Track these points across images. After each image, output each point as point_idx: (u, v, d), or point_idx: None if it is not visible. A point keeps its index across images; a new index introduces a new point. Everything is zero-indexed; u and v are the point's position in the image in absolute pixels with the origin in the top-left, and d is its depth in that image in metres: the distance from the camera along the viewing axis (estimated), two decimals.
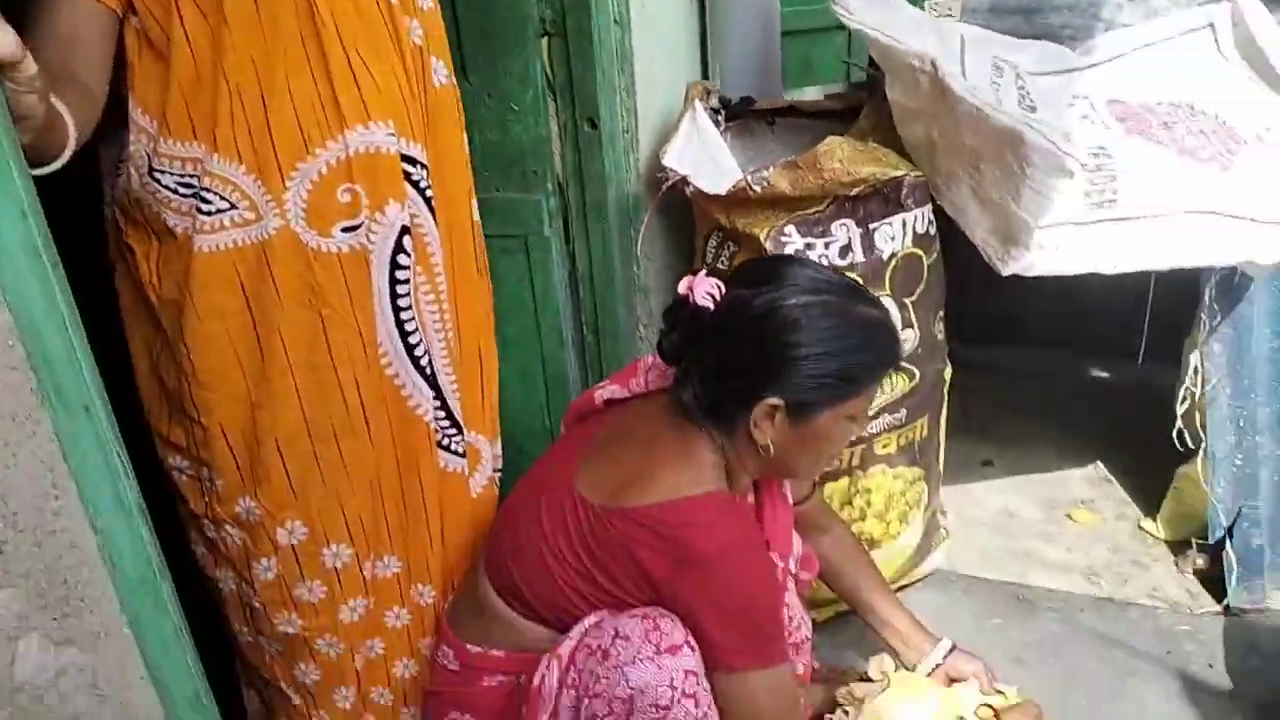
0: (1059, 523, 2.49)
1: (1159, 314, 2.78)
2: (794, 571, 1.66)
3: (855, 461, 1.91)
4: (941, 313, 1.92)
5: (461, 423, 1.63)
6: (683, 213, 1.99)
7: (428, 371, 1.53)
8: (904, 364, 1.85)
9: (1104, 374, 2.99)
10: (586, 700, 1.36)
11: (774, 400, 1.34)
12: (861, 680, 1.82)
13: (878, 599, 1.81)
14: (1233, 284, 2.01)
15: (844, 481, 1.93)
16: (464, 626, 1.56)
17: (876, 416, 1.87)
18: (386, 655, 1.66)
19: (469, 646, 1.54)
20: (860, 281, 1.73)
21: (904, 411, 1.90)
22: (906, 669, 1.79)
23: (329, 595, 1.54)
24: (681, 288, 1.41)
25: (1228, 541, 2.16)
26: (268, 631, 1.56)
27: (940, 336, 1.93)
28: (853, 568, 1.82)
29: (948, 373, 2.03)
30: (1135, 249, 1.78)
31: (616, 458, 1.44)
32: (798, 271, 1.38)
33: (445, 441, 1.62)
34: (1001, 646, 2.03)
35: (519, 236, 1.92)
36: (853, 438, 1.46)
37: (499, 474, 1.76)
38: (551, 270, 1.95)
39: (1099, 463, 2.66)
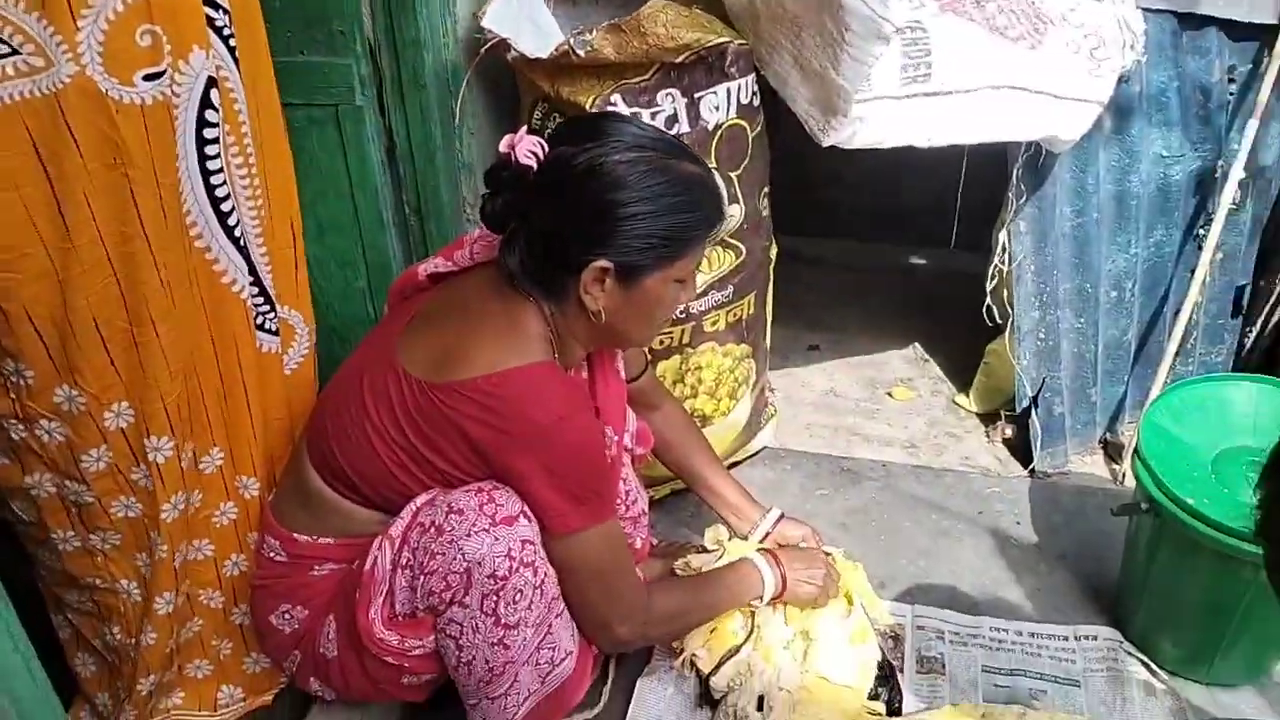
0: (880, 400, 2.60)
1: (969, 206, 2.91)
2: (629, 446, 1.66)
3: (685, 339, 1.91)
4: (766, 189, 1.92)
5: (274, 298, 1.53)
6: (506, 83, 1.90)
7: (241, 243, 1.41)
8: (730, 240, 1.85)
9: (920, 262, 3.11)
10: (423, 578, 1.33)
11: (603, 263, 1.30)
12: (698, 552, 1.86)
13: (709, 472, 1.84)
14: (1038, 164, 2.10)
15: (675, 359, 1.93)
16: (290, 516, 1.49)
17: (705, 294, 1.87)
18: (216, 556, 1.56)
19: (296, 536, 1.47)
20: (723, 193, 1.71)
21: (731, 289, 1.90)
22: (740, 539, 1.83)
23: (152, 492, 1.42)
24: (503, 146, 1.34)
25: (1033, 410, 2.31)
26: (105, 524, 1.42)
27: (765, 213, 1.93)
28: (685, 443, 1.83)
29: (773, 251, 2.05)
30: (948, 123, 1.83)
31: (440, 331, 1.38)
32: (621, 128, 1.33)
33: (261, 320, 1.51)
34: (827, 514, 2.12)
35: (328, 106, 1.78)
36: (683, 303, 1.44)
37: (314, 355, 1.66)
38: (366, 145, 1.83)
39: (916, 344, 2.78)
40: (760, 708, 1.63)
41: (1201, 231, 2.25)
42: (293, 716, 1.68)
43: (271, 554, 1.51)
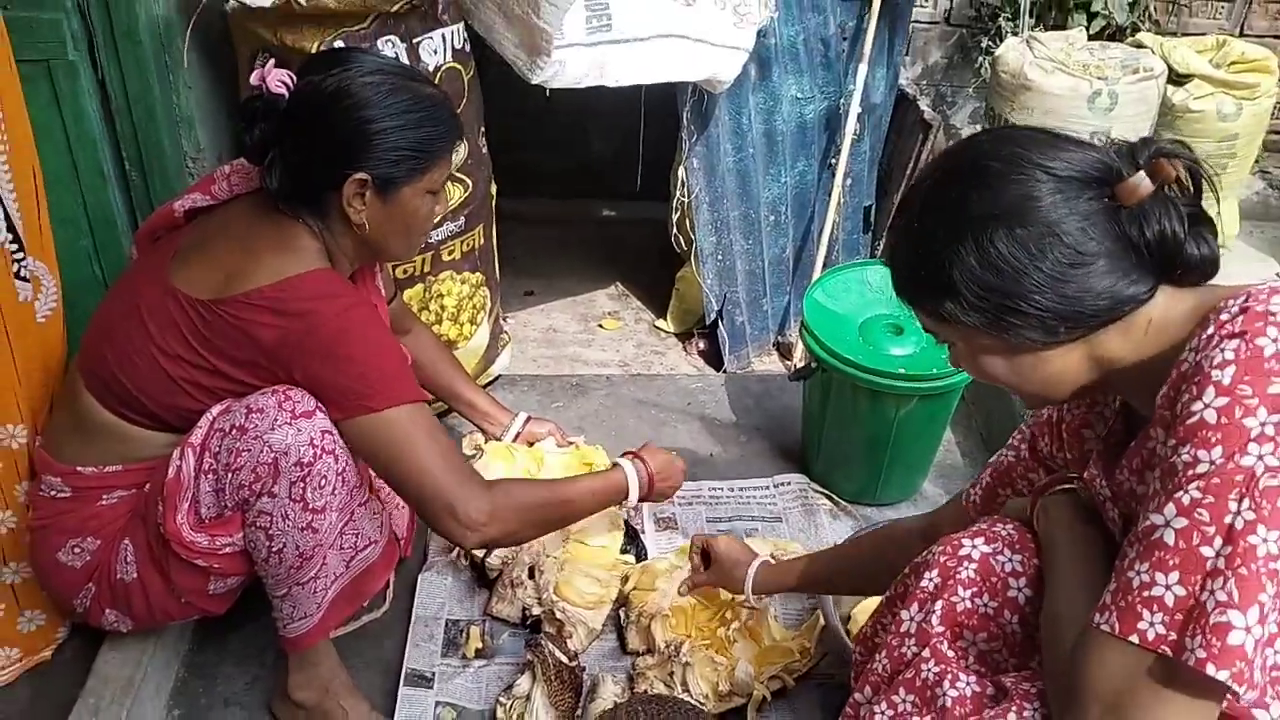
0: (593, 332, 2.90)
1: (649, 159, 3.28)
2: None
3: (426, 268, 2.09)
4: (484, 128, 2.15)
5: (25, 246, 1.53)
6: (221, 35, 1.97)
7: None
8: (458, 175, 2.06)
9: (611, 213, 3.45)
10: (229, 475, 1.42)
11: (361, 175, 1.41)
12: None
13: (460, 385, 2.04)
14: (702, 107, 2.48)
15: (419, 287, 2.11)
16: (69, 450, 1.51)
17: (440, 224, 2.07)
18: None
19: (80, 469, 1.50)
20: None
21: (463, 219, 2.11)
22: (496, 440, 2.04)
23: None
24: (253, 79, 1.45)
25: (719, 323, 2.71)
26: None
27: (484, 150, 2.16)
28: (436, 361, 2.01)
29: (494, 188, 2.28)
30: (629, 66, 2.15)
31: (214, 256, 1.46)
32: (363, 56, 1.48)
33: (17, 269, 1.52)
34: (565, 420, 2.37)
35: (39, 61, 1.77)
36: (437, 215, 1.58)
37: (62, 306, 1.66)
38: (82, 101, 1.83)
39: (617, 283, 3.12)
40: (531, 575, 1.86)
41: (833, 161, 2.74)
42: (77, 667, 1.68)
43: (52, 493, 1.52)
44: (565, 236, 3.32)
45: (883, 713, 1.21)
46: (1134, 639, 0.91)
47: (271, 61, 1.47)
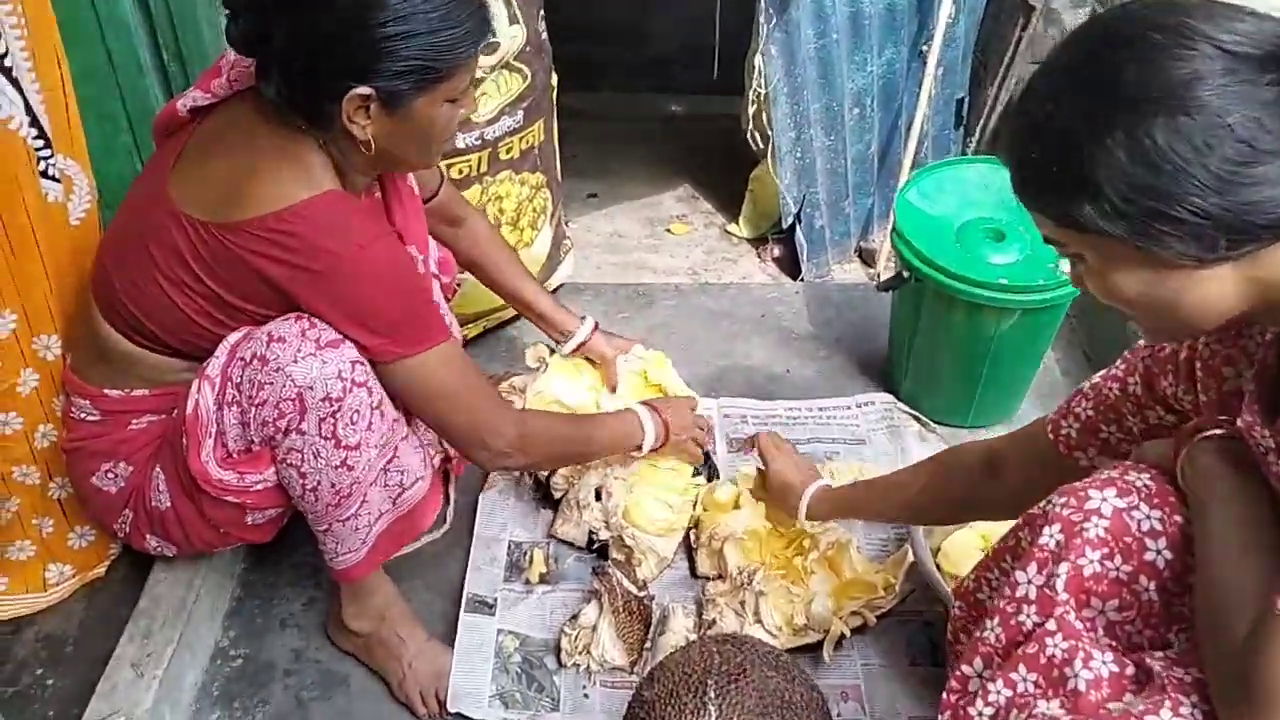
0: (660, 237, 2.74)
1: (723, 48, 3.06)
2: (435, 273, 1.67)
3: (483, 168, 1.94)
4: (543, 12, 1.96)
5: (53, 142, 1.42)
6: None
7: (13, 74, 1.29)
8: (515, 63, 1.88)
9: (680, 108, 3.24)
10: (253, 410, 1.31)
11: (362, 90, 1.21)
12: (522, 374, 1.93)
13: (521, 284, 1.86)
14: None
15: (475, 189, 1.96)
16: (94, 373, 1.42)
17: (497, 119, 1.90)
18: (26, 428, 1.47)
19: (107, 392, 1.40)
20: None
21: (521, 114, 1.94)
22: (554, 351, 1.91)
23: None
24: None
25: (797, 226, 2.52)
26: None
27: (544, 37, 1.97)
28: (493, 254, 1.83)
29: (554, 79, 2.10)
30: None
31: (212, 168, 1.31)
32: None
33: (44, 167, 1.41)
34: (630, 332, 2.23)
35: None
36: (463, 117, 1.36)
37: (97, 208, 1.56)
38: None
39: (687, 184, 2.93)
40: (598, 497, 1.75)
41: (924, 48, 2.50)
42: (131, 583, 1.63)
43: (82, 415, 1.43)
44: (630, 134, 3.13)
45: (999, 692, 1.07)
46: None
47: None
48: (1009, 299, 1.81)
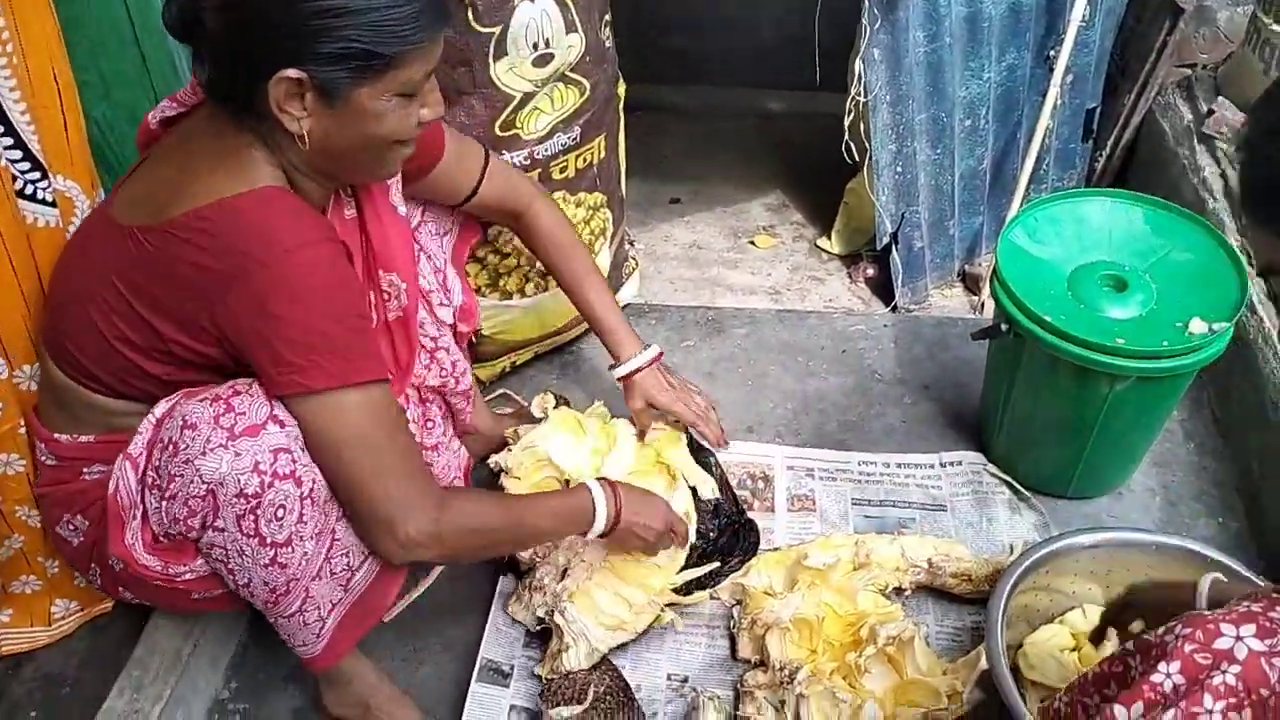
0: (743, 250, 2.53)
1: (826, 43, 2.80)
2: (449, 321, 1.52)
3: None
4: (608, 17, 1.77)
5: (46, 165, 1.32)
6: None
7: None
8: (571, 75, 1.70)
9: (780, 106, 3.01)
10: (165, 504, 1.17)
11: (292, 73, 1.06)
12: (529, 420, 1.77)
13: (584, 289, 1.65)
14: None
15: None
16: (48, 414, 1.31)
17: (549, 136, 1.73)
18: (28, 469, 1.40)
19: (58, 436, 1.29)
20: None
21: (577, 130, 1.76)
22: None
23: None
24: None
25: (893, 247, 2.28)
26: None
27: (608, 44, 1.78)
28: (552, 254, 1.64)
29: (621, 89, 1.92)
30: None
31: (154, 175, 1.19)
32: None
33: (29, 189, 1.31)
34: (694, 364, 2.06)
35: None
36: (423, 122, 1.18)
37: None
38: None
39: (778, 190, 2.71)
40: (562, 578, 1.56)
41: (1052, 53, 2.21)
42: (137, 619, 1.54)
43: (44, 459, 1.33)
44: (723, 133, 2.92)
45: None
46: None
47: None
48: (1124, 365, 1.55)
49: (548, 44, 1.62)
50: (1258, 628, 0.88)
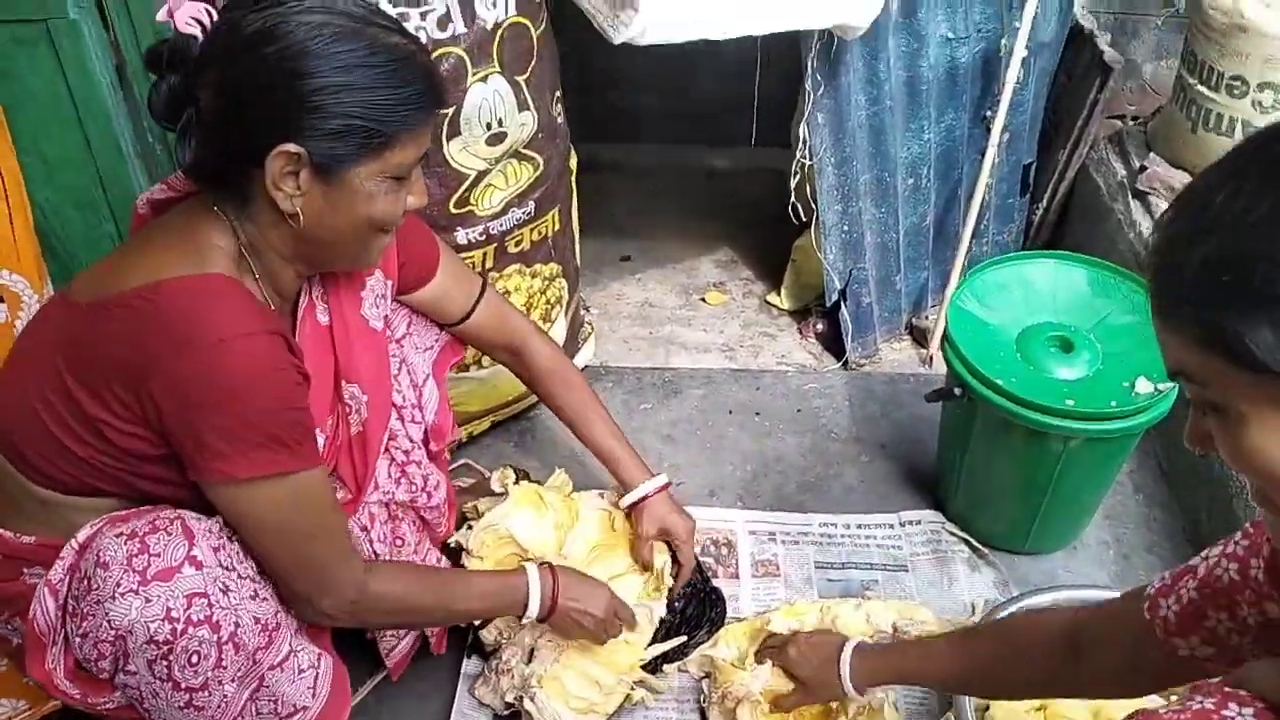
0: (695, 307, 2.55)
1: (767, 100, 2.86)
2: (418, 439, 1.50)
3: (489, 263, 1.77)
4: (559, 93, 1.78)
5: None
6: None
7: None
8: (525, 151, 1.71)
9: (724, 163, 3.05)
10: (78, 640, 1.12)
11: (291, 147, 1.07)
12: (488, 495, 1.75)
13: (589, 427, 1.65)
14: (830, 53, 2.05)
15: None
16: None
17: (504, 212, 1.73)
18: None
19: (3, 532, 1.23)
20: (466, 59, 1.55)
21: (532, 205, 1.77)
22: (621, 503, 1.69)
23: None
24: (160, 15, 1.11)
25: (842, 303, 2.31)
26: None
27: (560, 120, 1.80)
28: (556, 392, 1.64)
29: (573, 161, 1.93)
30: (740, 14, 1.74)
31: (115, 256, 1.17)
32: None
33: None
34: (652, 428, 2.06)
35: (36, 21, 1.51)
36: (409, 207, 1.19)
37: None
38: (90, 64, 1.57)
39: (726, 247, 2.74)
40: (530, 660, 1.54)
41: (988, 113, 2.27)
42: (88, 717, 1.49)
43: None
44: (666, 189, 2.95)
45: None
46: None
47: None
48: (1076, 427, 1.59)
49: (500, 123, 1.62)
50: None
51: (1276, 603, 0.96)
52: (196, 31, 1.08)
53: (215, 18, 1.09)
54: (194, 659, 1.11)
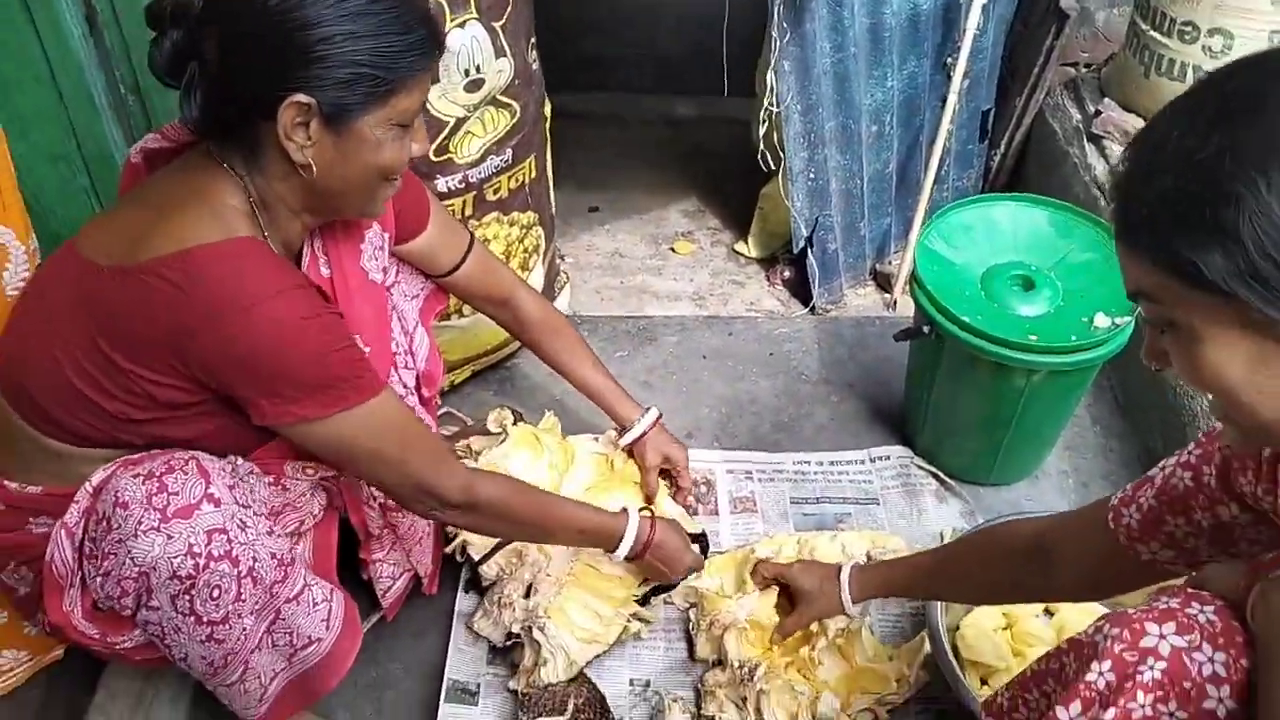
0: (664, 256, 2.59)
1: (735, 50, 2.88)
2: (411, 384, 1.52)
3: (468, 210, 1.79)
4: (534, 40, 1.80)
5: None
6: None
7: None
8: (502, 98, 1.73)
9: (690, 111, 3.07)
10: (100, 579, 1.16)
11: (301, 97, 1.08)
12: (482, 434, 1.79)
13: (578, 364, 1.72)
14: (796, 1, 2.08)
15: None
16: (1, 459, 1.27)
17: (482, 159, 1.75)
18: None
19: (7, 483, 1.25)
20: (445, 4, 1.56)
21: (509, 152, 1.79)
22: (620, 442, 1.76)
23: None
24: None
25: (808, 250, 2.37)
26: None
27: (535, 67, 1.82)
28: (546, 341, 1.69)
29: (548, 109, 1.95)
30: None
31: (126, 214, 1.19)
32: None
33: None
34: (630, 374, 2.11)
35: None
36: (413, 154, 1.22)
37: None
38: (61, 17, 1.54)
39: (693, 197, 2.78)
40: (527, 595, 1.59)
41: (949, 60, 2.32)
42: (93, 664, 1.51)
43: None
44: (636, 140, 2.97)
45: None
46: None
47: None
48: (1038, 360, 1.66)
49: (478, 69, 1.64)
50: (1177, 625, 0.96)
51: (1228, 506, 1.04)
52: None
53: None
54: (215, 593, 1.15)
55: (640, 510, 1.56)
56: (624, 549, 1.51)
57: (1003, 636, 1.63)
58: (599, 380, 1.72)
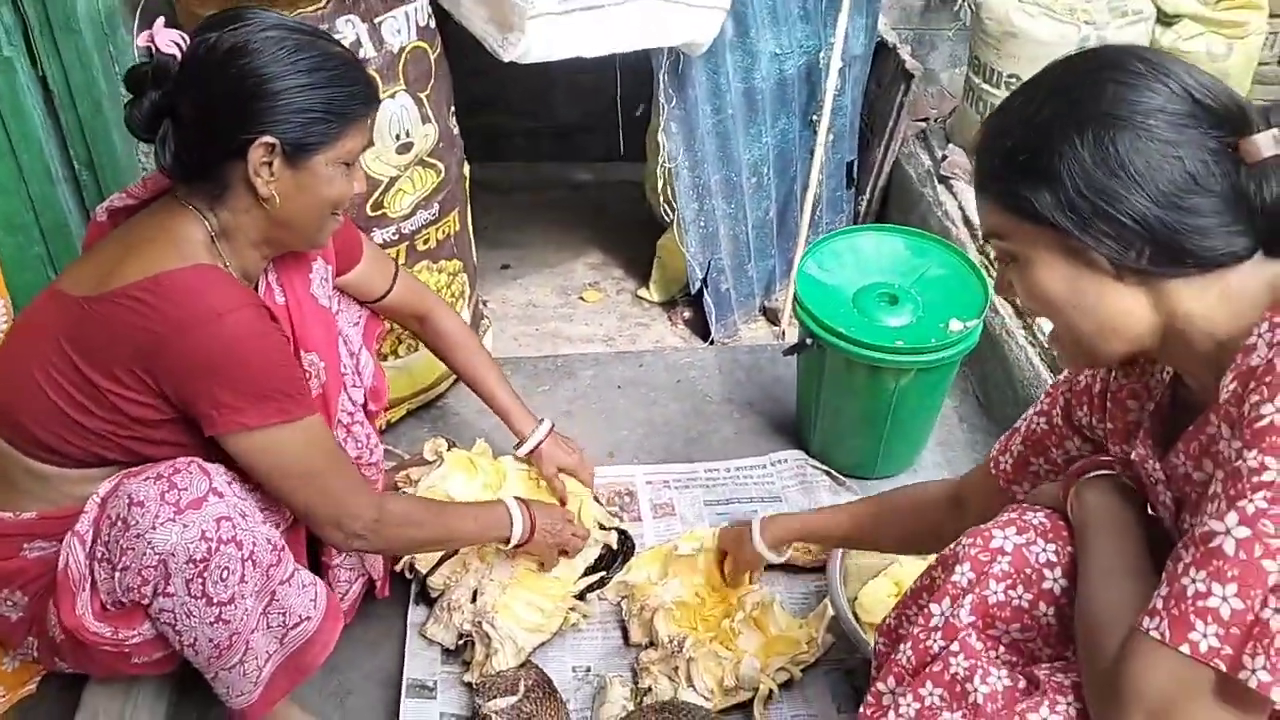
0: (574, 305, 2.82)
1: (627, 119, 3.17)
2: (360, 401, 1.68)
3: (403, 259, 1.99)
4: (453, 108, 2.03)
5: None
6: (170, 23, 1.83)
7: None
8: (429, 159, 1.95)
9: (587, 176, 3.34)
10: (118, 574, 1.31)
11: (268, 139, 1.28)
12: (419, 464, 1.96)
13: (484, 380, 1.91)
14: (678, 70, 2.37)
15: None
16: None
17: (413, 214, 1.97)
18: None
19: (2, 514, 1.38)
20: (377, 78, 1.78)
21: (437, 206, 2.01)
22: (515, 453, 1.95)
23: None
24: (140, 40, 1.31)
25: (704, 291, 2.63)
26: None
27: (455, 131, 2.05)
28: (457, 352, 1.89)
29: (467, 169, 2.18)
30: (604, 34, 2.04)
31: (100, 252, 1.36)
32: (263, 13, 1.34)
33: None
34: (552, 405, 2.31)
35: None
36: (355, 193, 1.42)
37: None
38: (22, 98, 1.72)
39: (597, 251, 3.02)
40: (474, 600, 1.76)
41: (815, 118, 2.65)
42: (67, 696, 1.60)
43: None
44: (539, 204, 3.22)
45: (909, 704, 1.18)
46: (1185, 649, 0.88)
47: (161, 20, 1.34)
48: (905, 360, 1.94)
49: (408, 134, 1.86)
50: (1017, 528, 1.22)
51: (1073, 439, 1.31)
52: (175, 53, 1.29)
53: (189, 41, 1.30)
54: (224, 574, 1.31)
55: (514, 498, 1.74)
56: (517, 528, 1.68)
57: (895, 600, 1.86)
58: (502, 395, 1.91)
